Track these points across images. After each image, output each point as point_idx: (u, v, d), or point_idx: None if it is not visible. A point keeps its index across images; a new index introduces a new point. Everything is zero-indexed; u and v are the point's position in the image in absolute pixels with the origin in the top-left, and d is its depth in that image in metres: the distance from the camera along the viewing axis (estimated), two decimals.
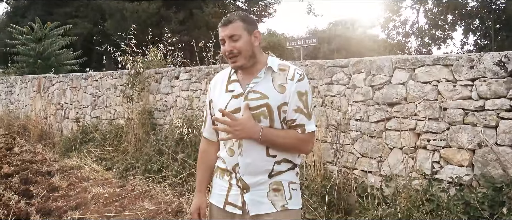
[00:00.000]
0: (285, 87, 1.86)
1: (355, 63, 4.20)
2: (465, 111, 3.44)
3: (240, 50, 1.86)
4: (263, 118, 1.86)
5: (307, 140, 1.92)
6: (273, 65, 1.92)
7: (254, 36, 1.91)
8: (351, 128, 4.21)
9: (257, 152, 1.89)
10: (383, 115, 3.94)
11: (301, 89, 1.87)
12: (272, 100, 1.86)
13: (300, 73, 1.90)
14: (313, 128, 1.91)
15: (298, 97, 1.86)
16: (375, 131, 4.01)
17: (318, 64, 4.54)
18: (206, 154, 2.16)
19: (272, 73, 1.91)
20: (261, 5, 26.94)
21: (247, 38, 1.88)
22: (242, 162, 1.91)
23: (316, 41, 12.88)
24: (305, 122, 1.88)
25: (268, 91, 1.88)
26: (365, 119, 4.08)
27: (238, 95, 1.92)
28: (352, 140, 4.21)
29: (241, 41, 1.86)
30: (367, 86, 4.08)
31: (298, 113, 1.87)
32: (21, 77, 11.47)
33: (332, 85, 4.39)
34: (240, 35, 1.86)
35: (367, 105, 4.07)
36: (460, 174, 3.43)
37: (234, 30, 1.86)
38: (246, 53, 1.87)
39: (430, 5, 16.70)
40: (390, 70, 3.93)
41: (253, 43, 1.90)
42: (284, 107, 1.86)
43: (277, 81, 1.89)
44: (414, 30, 16.92)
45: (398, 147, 3.82)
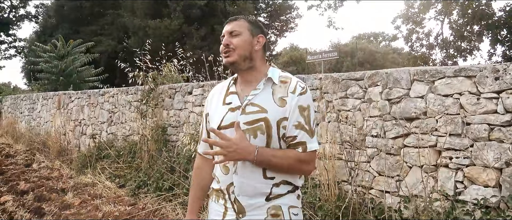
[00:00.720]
0: (285, 101, 1.69)
1: (370, 76, 3.96)
2: (491, 126, 3.15)
3: (236, 46, 1.73)
4: (260, 133, 1.68)
5: (309, 160, 1.72)
6: (274, 77, 1.76)
7: (257, 40, 1.79)
8: (367, 145, 3.96)
9: (253, 171, 1.70)
10: (401, 130, 3.68)
11: (303, 104, 1.70)
12: (271, 115, 1.68)
13: (302, 86, 1.73)
14: (315, 146, 1.72)
15: (299, 112, 1.68)
16: (393, 147, 3.75)
17: (332, 77, 4.32)
18: (200, 171, 1.99)
19: (273, 85, 1.75)
20: (283, 20, 26.88)
21: (248, 38, 1.76)
22: (237, 181, 1.73)
23: (336, 54, 12.66)
24: (306, 139, 1.69)
25: (267, 104, 1.71)
26: (381, 135, 3.83)
27: (235, 108, 1.75)
28: (368, 157, 3.95)
29: (240, 38, 1.74)
30: (384, 100, 3.83)
31: (299, 129, 1.68)
32: (43, 94, 11.63)
33: (346, 99, 4.16)
34: (241, 32, 1.75)
35: (384, 120, 3.82)
36: (486, 195, 3.13)
37: (236, 27, 1.77)
38: (242, 52, 1.74)
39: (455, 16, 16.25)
40: (408, 83, 3.67)
41: (253, 46, 1.77)
42: (283, 123, 1.68)
43: (278, 94, 1.72)
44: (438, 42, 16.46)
45: (418, 165, 3.55)
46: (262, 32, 1.82)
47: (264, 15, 26.75)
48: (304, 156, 1.69)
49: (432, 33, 16.88)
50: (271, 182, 1.71)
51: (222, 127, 1.76)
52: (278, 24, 27.21)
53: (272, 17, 26.91)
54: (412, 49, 17.34)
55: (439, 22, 16.83)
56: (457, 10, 15.96)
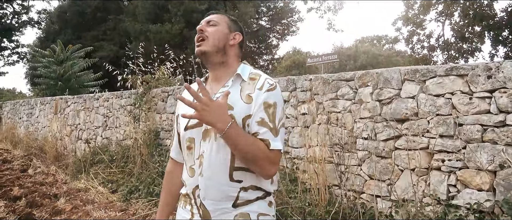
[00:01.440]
0: (251, 98, 1.58)
1: (361, 76, 3.84)
2: (484, 127, 3.02)
3: (211, 34, 1.65)
4: None
5: (272, 159, 1.55)
6: (243, 73, 1.66)
7: (233, 36, 1.70)
8: (358, 147, 3.83)
9: (219, 173, 1.58)
10: (392, 132, 3.55)
11: (268, 101, 1.57)
12: (237, 112, 1.56)
13: (271, 83, 1.61)
14: (278, 145, 1.55)
15: (264, 108, 1.56)
16: (384, 150, 3.62)
17: (322, 78, 4.20)
18: (170, 176, 1.88)
19: (242, 82, 1.64)
20: (284, 24, 26.79)
21: (224, 30, 1.68)
22: (202, 184, 1.61)
23: (336, 57, 12.52)
24: (269, 137, 1.54)
25: (234, 101, 1.59)
26: (372, 137, 3.70)
27: None
28: (359, 160, 3.82)
29: (216, 28, 1.67)
30: (374, 101, 3.71)
31: (261, 126, 1.54)
32: (40, 99, 11.57)
33: (337, 100, 4.04)
34: (218, 23, 1.69)
35: (375, 122, 3.69)
36: (479, 200, 3.00)
37: (215, 18, 1.71)
38: (215, 42, 1.64)
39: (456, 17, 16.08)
40: (398, 83, 3.55)
41: (228, 39, 1.68)
42: (248, 121, 1.56)
43: (245, 91, 1.60)
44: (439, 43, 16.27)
45: (409, 168, 3.41)
46: (241, 31, 1.75)
47: (265, 18, 26.69)
48: (269, 153, 1.54)
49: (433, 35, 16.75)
50: (238, 186, 1.59)
51: (189, 126, 1.66)
52: (280, 27, 27.12)
53: (273, 20, 26.83)
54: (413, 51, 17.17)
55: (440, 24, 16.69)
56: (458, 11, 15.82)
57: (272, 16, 26.39)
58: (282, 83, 4.63)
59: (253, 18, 25.15)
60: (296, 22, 26.87)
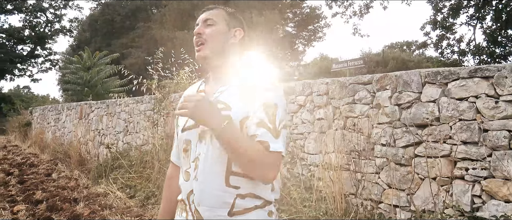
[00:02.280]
0: (250, 98, 1.45)
1: (379, 79, 3.65)
2: (511, 133, 2.78)
3: (209, 37, 1.52)
4: None
5: (272, 162, 1.41)
6: (243, 72, 1.54)
7: (233, 34, 1.57)
8: (375, 154, 3.63)
9: (214, 177, 1.46)
10: (411, 138, 3.34)
11: (268, 101, 1.44)
12: (235, 113, 1.43)
13: (271, 82, 1.48)
14: (279, 147, 1.41)
15: (263, 109, 1.42)
16: (403, 157, 3.41)
17: (339, 82, 4.02)
18: (171, 182, 1.77)
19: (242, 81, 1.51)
20: (310, 29, 26.58)
21: (223, 29, 1.54)
22: (197, 188, 1.49)
23: (362, 62, 12.20)
24: (269, 138, 1.40)
25: (232, 102, 1.47)
26: (391, 143, 3.50)
27: None
28: (377, 168, 3.62)
29: (213, 28, 1.53)
30: (393, 105, 3.51)
31: (260, 127, 1.41)
32: (67, 105, 11.80)
33: (354, 105, 3.85)
34: (216, 22, 1.54)
35: (394, 127, 3.49)
36: (507, 212, 2.76)
37: (211, 15, 1.56)
38: (214, 45, 1.52)
39: (488, 21, 15.48)
40: (419, 86, 3.34)
41: (228, 39, 1.55)
42: (247, 122, 1.43)
43: (244, 90, 1.48)
44: (471, 48, 15.69)
45: (430, 177, 3.19)
46: (241, 26, 1.61)
47: (291, 25, 26.55)
48: (267, 156, 1.40)
49: (464, 39, 16.17)
50: (234, 192, 1.45)
51: (186, 128, 1.56)
52: (306, 33, 26.93)
53: (299, 26, 26.67)
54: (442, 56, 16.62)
55: (471, 27, 16.11)
56: (490, 14, 15.22)
57: (298, 22, 26.23)
58: (298, 87, 4.48)
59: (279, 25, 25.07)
60: (322, 28, 26.61)
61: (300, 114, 4.45)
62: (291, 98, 4.56)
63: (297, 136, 4.46)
